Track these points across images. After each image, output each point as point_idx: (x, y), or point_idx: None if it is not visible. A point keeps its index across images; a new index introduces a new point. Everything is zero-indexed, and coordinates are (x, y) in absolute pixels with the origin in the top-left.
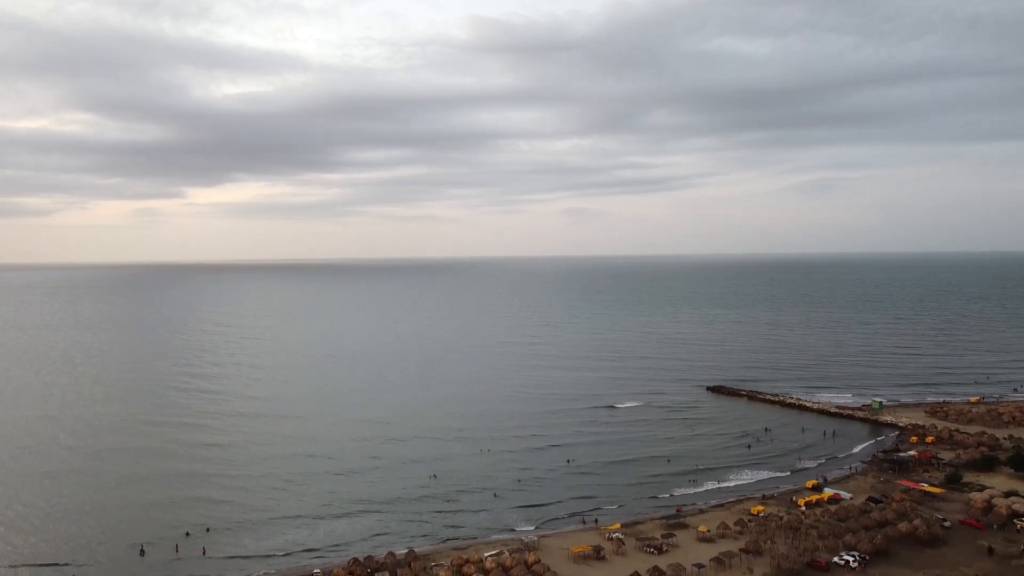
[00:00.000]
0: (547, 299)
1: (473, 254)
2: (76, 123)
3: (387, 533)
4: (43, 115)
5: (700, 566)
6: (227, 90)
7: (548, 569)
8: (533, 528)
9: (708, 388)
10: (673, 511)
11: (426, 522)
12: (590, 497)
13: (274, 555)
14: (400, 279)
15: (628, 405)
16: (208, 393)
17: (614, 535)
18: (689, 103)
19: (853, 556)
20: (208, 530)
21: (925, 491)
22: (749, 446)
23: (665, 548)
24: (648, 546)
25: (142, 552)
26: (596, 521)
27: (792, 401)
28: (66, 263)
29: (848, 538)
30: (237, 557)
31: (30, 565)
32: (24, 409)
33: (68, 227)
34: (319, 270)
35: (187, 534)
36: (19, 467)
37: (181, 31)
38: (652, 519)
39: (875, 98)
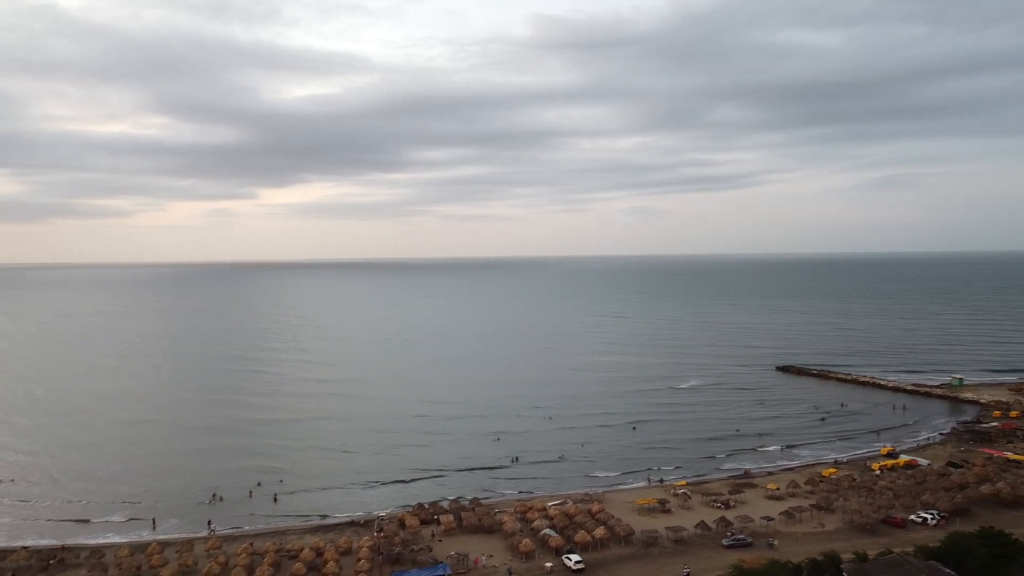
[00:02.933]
0: (609, 293)
1: (536, 253)
2: (153, 126)
3: (452, 488)
4: (123, 119)
5: (769, 519)
6: (295, 92)
7: (612, 517)
8: (598, 486)
9: (777, 368)
10: (741, 473)
11: (491, 479)
12: (656, 461)
13: (342, 503)
14: (465, 276)
15: (693, 384)
16: (281, 370)
17: (680, 491)
18: (754, 97)
19: (931, 514)
20: (281, 481)
21: (1010, 458)
22: (823, 419)
23: (732, 504)
24: (715, 501)
25: (215, 497)
26: (661, 480)
27: (866, 379)
28: (145, 262)
29: (926, 497)
30: (306, 504)
31: (114, 503)
32: (110, 380)
33: (147, 228)
34: (385, 268)
35: (259, 484)
36: (104, 421)
37: (251, 34)
38: (719, 479)
39: (950, 89)
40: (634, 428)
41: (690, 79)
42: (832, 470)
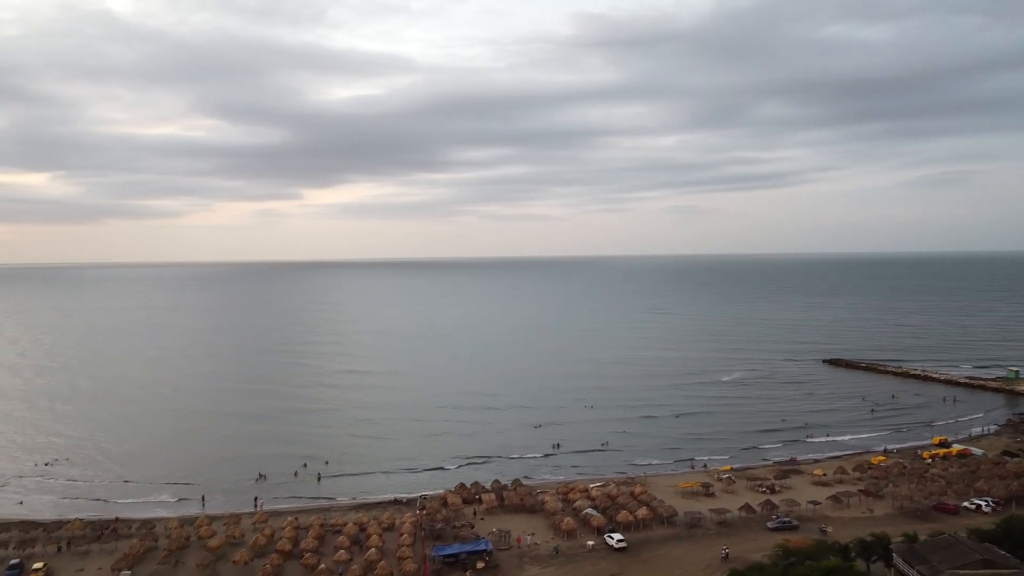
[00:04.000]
0: (651, 291)
1: (578, 253)
2: (202, 128)
3: (493, 473)
4: (173, 122)
5: (815, 503)
6: (340, 93)
7: (654, 498)
8: (641, 471)
9: (824, 361)
10: (787, 460)
11: (533, 465)
12: (700, 451)
13: (385, 485)
14: (506, 275)
15: (737, 376)
16: (322, 362)
17: (723, 476)
18: (801, 94)
19: (985, 501)
20: (326, 463)
21: None
22: (872, 411)
23: (777, 488)
24: (760, 486)
25: (261, 477)
26: (705, 465)
27: (917, 373)
28: (194, 261)
29: (980, 484)
30: (350, 486)
31: (163, 484)
32: (156, 371)
33: (195, 228)
34: (427, 267)
35: (305, 465)
36: (150, 409)
37: (297, 37)
38: (764, 466)
39: (1005, 84)
40: (677, 417)
41: (734, 76)
42: (881, 458)
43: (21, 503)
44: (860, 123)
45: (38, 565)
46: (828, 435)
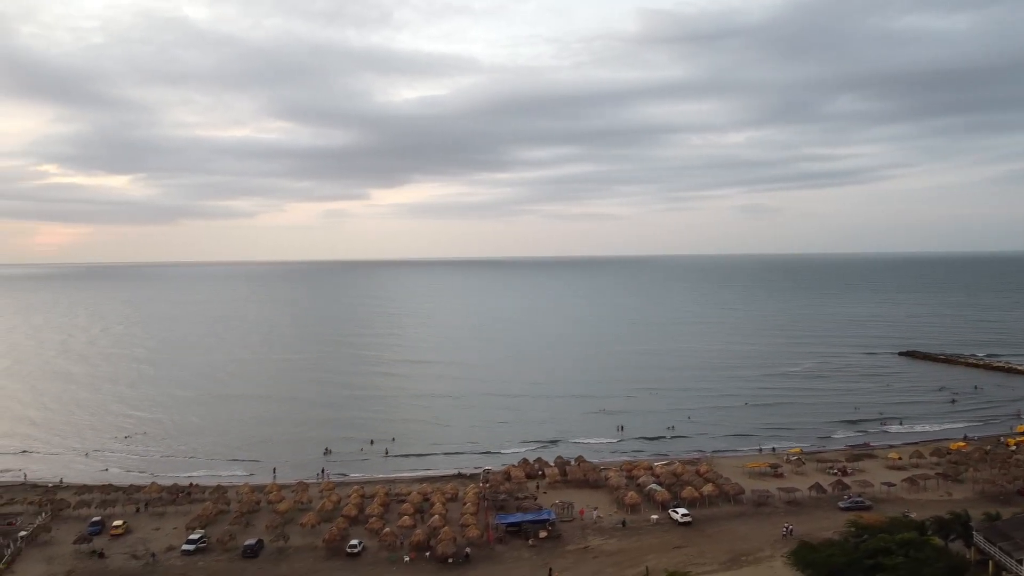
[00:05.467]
0: (719, 289)
1: (642, 252)
2: (274, 131)
3: (557, 454)
4: (246, 124)
5: (890, 484)
6: (405, 94)
7: (720, 476)
8: (708, 453)
9: (900, 353)
10: (860, 444)
11: (597, 446)
12: (770, 436)
13: (449, 462)
14: (570, 273)
15: (809, 366)
16: (386, 354)
17: (793, 458)
18: (875, 88)
19: None
20: (393, 439)
21: None
22: (953, 401)
23: (850, 471)
24: (831, 468)
25: (327, 451)
26: (774, 449)
27: (1001, 365)
28: (266, 260)
29: None
30: (414, 462)
31: (235, 460)
32: (227, 356)
33: (267, 228)
34: (490, 265)
35: (371, 442)
36: (224, 392)
37: (363, 39)
38: (836, 449)
39: None
40: (746, 405)
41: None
42: (961, 444)
43: (106, 470)
44: (937, 117)
45: (118, 523)
46: (904, 423)
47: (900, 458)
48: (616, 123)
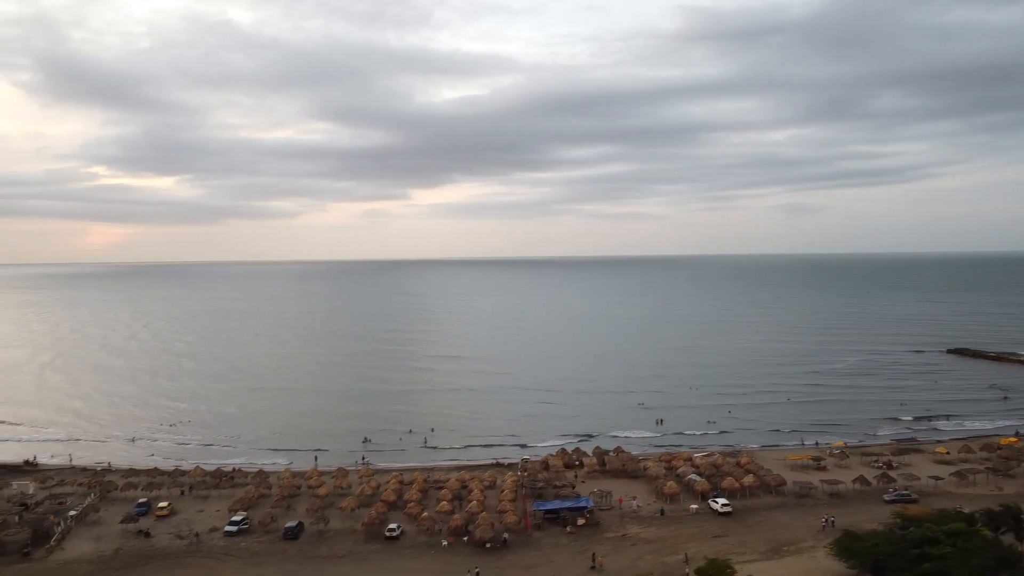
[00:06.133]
0: (759, 288)
1: (682, 252)
2: (316, 132)
3: (594, 443)
4: (288, 126)
5: (937, 479)
6: (445, 94)
7: (761, 468)
8: (749, 446)
9: (948, 351)
10: (906, 438)
11: (636, 439)
12: (813, 431)
13: (486, 453)
14: (609, 272)
15: (853, 363)
16: (423, 349)
17: (836, 451)
18: (921, 83)
19: None
20: (432, 430)
21: None
22: (1005, 398)
23: (895, 465)
24: (875, 461)
25: (367, 440)
26: (816, 443)
27: None
28: (308, 259)
29: None
30: (451, 454)
31: (277, 448)
32: (270, 348)
33: (309, 228)
34: (529, 265)
35: (410, 431)
36: (264, 385)
37: (403, 40)
38: (881, 443)
39: None
40: (788, 401)
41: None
42: (1013, 439)
43: (152, 456)
44: (987, 113)
45: (163, 504)
46: (953, 420)
47: (948, 452)
48: (655, 122)
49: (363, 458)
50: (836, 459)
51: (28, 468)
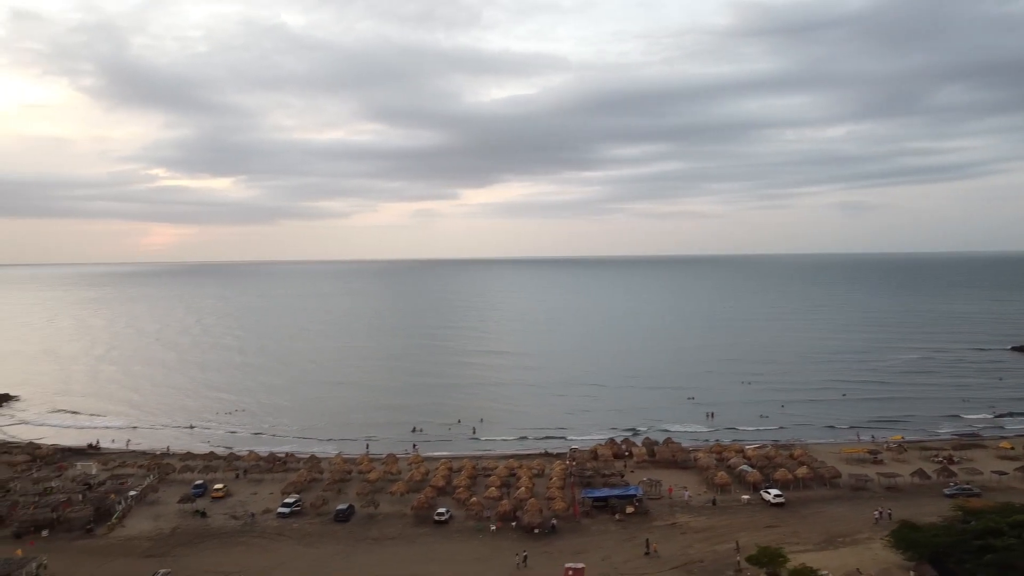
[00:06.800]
0: (813, 287)
1: (734, 251)
2: (366, 132)
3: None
4: (339, 127)
5: (1001, 474)
6: (495, 94)
7: (815, 460)
8: (803, 440)
9: (1013, 348)
10: (968, 433)
11: (686, 432)
12: (870, 426)
13: (535, 445)
14: (659, 271)
15: (912, 359)
16: (470, 345)
17: (893, 444)
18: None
19: None
20: (482, 420)
21: None
22: None
23: (956, 460)
24: (935, 456)
25: (416, 429)
26: (872, 437)
27: None
28: (359, 259)
29: None
30: (499, 445)
31: (329, 439)
32: (319, 342)
33: (361, 227)
34: (578, 264)
35: (459, 421)
36: (314, 378)
37: (453, 40)
38: (941, 438)
39: None
40: (844, 395)
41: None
42: None
43: (208, 442)
44: None
45: (219, 486)
46: (1016, 416)
47: (1012, 448)
48: (707, 119)
49: (413, 446)
50: (893, 453)
51: (91, 451)
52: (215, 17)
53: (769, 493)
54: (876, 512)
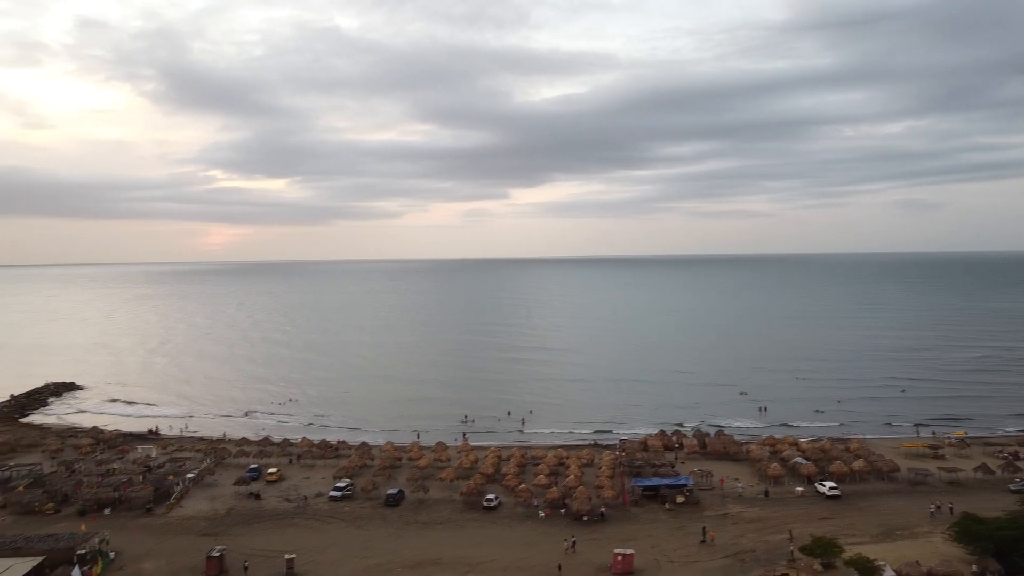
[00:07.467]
0: (871, 286)
1: (789, 250)
2: (417, 133)
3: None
4: (391, 128)
5: None
6: (545, 93)
7: (872, 453)
8: (859, 434)
9: None
10: None
11: (738, 426)
12: (931, 423)
13: (585, 436)
14: (712, 270)
15: (978, 357)
16: (521, 341)
17: (954, 439)
18: None
19: None
20: (531, 412)
21: None
22: None
23: (1022, 455)
24: (1000, 452)
25: (466, 419)
26: (933, 433)
27: None
28: (411, 258)
29: None
30: (549, 437)
31: (380, 430)
32: (370, 338)
33: (412, 227)
34: (629, 263)
35: (508, 413)
36: (364, 373)
37: (502, 40)
38: (1006, 435)
39: None
40: (903, 392)
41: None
42: None
43: (262, 429)
44: None
45: (272, 470)
46: None
47: None
48: (761, 116)
49: (463, 435)
50: (955, 448)
51: (152, 436)
52: (269, 21)
53: (824, 485)
54: (931, 506)
